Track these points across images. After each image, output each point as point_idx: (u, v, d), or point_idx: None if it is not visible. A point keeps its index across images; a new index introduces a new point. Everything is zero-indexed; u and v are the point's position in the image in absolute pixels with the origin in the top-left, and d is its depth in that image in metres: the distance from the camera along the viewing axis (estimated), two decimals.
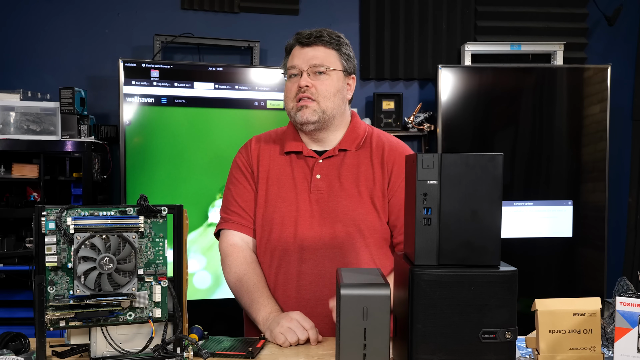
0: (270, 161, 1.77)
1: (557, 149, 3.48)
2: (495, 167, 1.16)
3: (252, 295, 1.67)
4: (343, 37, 1.75)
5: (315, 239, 1.67)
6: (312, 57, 1.69)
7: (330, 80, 1.69)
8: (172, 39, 3.53)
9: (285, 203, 1.71)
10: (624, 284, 1.44)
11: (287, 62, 1.75)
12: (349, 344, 1.21)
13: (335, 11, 3.81)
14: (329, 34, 1.71)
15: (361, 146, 1.74)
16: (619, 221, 3.89)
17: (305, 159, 1.74)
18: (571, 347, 1.29)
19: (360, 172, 1.71)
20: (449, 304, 1.14)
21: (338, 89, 1.71)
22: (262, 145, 1.80)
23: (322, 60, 1.69)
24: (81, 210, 1.27)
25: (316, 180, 1.70)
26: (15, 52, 3.58)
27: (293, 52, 1.73)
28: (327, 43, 1.70)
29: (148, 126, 3.18)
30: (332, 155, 1.73)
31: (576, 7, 3.86)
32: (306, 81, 1.67)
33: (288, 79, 1.73)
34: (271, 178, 1.75)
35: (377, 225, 1.68)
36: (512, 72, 3.52)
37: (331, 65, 1.69)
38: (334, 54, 1.71)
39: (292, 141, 1.76)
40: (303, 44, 1.70)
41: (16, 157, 3.18)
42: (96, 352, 1.32)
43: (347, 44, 1.75)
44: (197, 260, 3.21)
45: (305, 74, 1.68)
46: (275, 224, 1.70)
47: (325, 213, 1.68)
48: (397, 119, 3.69)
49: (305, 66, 1.68)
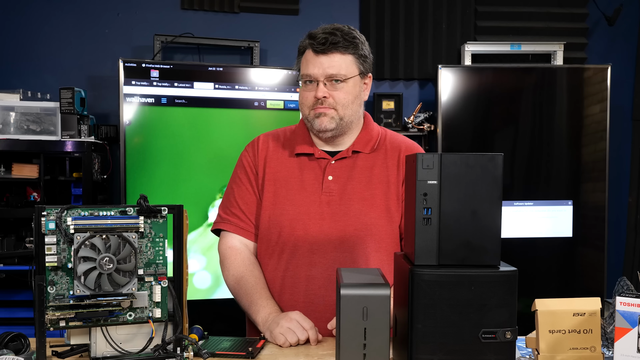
0: (278, 163, 1.73)
1: (557, 149, 3.48)
2: (495, 167, 1.16)
3: (251, 296, 1.66)
4: (358, 34, 1.67)
5: (325, 241, 1.65)
6: (328, 66, 1.62)
7: (348, 88, 1.64)
8: (172, 39, 3.53)
9: (293, 205, 1.68)
10: (624, 284, 1.44)
11: (300, 65, 1.69)
12: (349, 344, 1.21)
13: (335, 11, 3.81)
14: (344, 37, 1.63)
15: (375, 149, 1.72)
16: (619, 221, 3.89)
17: (317, 160, 1.71)
18: (571, 347, 1.29)
19: (374, 174, 1.69)
20: (449, 304, 1.14)
21: (356, 96, 1.67)
22: (270, 145, 1.76)
23: (338, 70, 1.62)
24: (81, 210, 1.27)
25: (328, 182, 1.68)
26: (15, 52, 3.58)
27: (307, 57, 1.66)
28: (343, 48, 1.63)
29: (148, 126, 3.18)
30: (345, 156, 1.70)
31: (576, 7, 3.86)
32: (323, 92, 1.62)
33: (303, 84, 1.68)
34: (279, 180, 1.71)
35: (388, 229, 1.67)
36: (512, 72, 3.52)
37: (348, 74, 1.63)
38: (350, 59, 1.64)
39: (303, 143, 1.73)
40: (317, 52, 1.63)
41: (16, 157, 3.18)
42: (96, 352, 1.32)
43: (362, 42, 1.67)
44: (197, 260, 3.21)
45: (321, 84, 1.63)
46: (284, 226, 1.67)
47: (337, 215, 1.65)
48: (397, 119, 3.69)
49: (321, 77, 1.62)
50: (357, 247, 1.64)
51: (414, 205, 1.18)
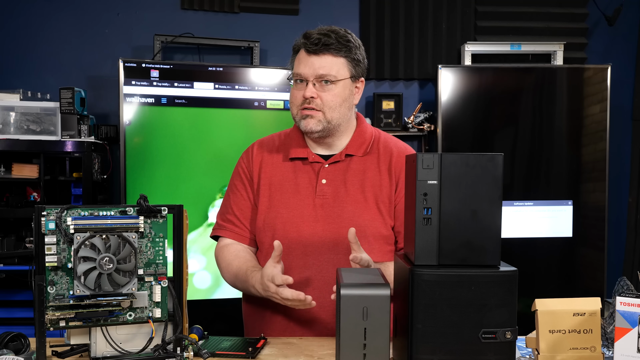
0: (272, 168, 1.74)
1: (557, 149, 3.48)
2: (495, 167, 1.16)
3: (244, 281, 1.65)
4: (353, 38, 1.68)
5: (319, 243, 1.65)
6: (319, 67, 1.63)
7: (337, 90, 1.65)
8: (172, 39, 3.52)
9: (287, 209, 1.69)
10: (624, 284, 1.45)
11: (293, 64, 1.71)
12: (349, 344, 1.21)
13: (335, 11, 3.81)
14: (337, 39, 1.64)
15: (368, 152, 1.73)
16: (619, 221, 3.89)
17: (311, 164, 1.72)
18: (571, 347, 1.29)
19: (367, 177, 1.69)
20: (449, 304, 1.14)
21: (344, 99, 1.67)
22: (264, 152, 1.78)
23: (328, 70, 1.63)
24: (81, 210, 1.27)
25: (322, 185, 1.69)
26: (15, 52, 3.58)
27: (300, 56, 1.68)
28: (335, 51, 1.63)
29: (148, 126, 3.18)
30: (338, 160, 1.71)
31: (576, 7, 3.86)
32: (311, 92, 1.63)
33: (294, 83, 1.69)
34: (274, 185, 1.72)
35: (382, 231, 1.67)
36: (512, 72, 3.52)
37: (338, 75, 1.64)
38: (342, 61, 1.65)
39: (297, 147, 1.74)
40: (310, 51, 1.64)
41: (16, 157, 3.18)
42: (96, 352, 1.32)
43: (357, 47, 1.68)
44: (197, 260, 3.21)
45: (310, 84, 1.64)
46: (277, 229, 1.68)
47: (330, 218, 1.66)
48: (397, 119, 3.69)
49: (311, 76, 1.63)
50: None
51: (414, 205, 1.18)
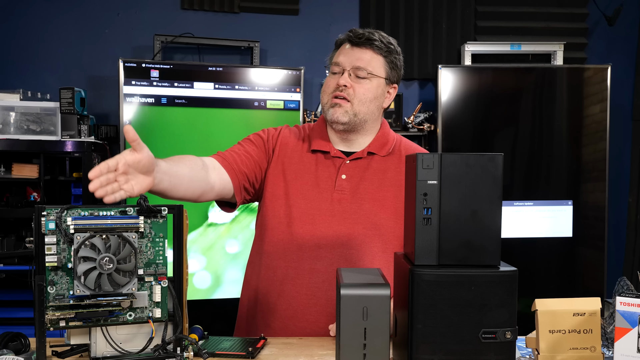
0: (295, 156, 1.75)
1: (557, 149, 3.48)
2: (495, 167, 1.16)
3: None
4: (395, 44, 1.73)
5: (333, 237, 1.66)
6: (358, 58, 1.67)
7: (370, 85, 1.68)
8: (172, 39, 3.53)
9: (305, 200, 1.69)
10: (624, 284, 1.45)
11: (332, 56, 1.74)
12: (349, 344, 1.21)
13: (335, 11, 3.82)
14: (380, 39, 1.69)
15: (390, 153, 1.74)
16: (619, 221, 3.90)
17: (332, 159, 1.73)
18: (571, 347, 1.29)
19: (387, 177, 1.70)
20: (449, 304, 1.14)
21: (376, 96, 1.69)
22: (291, 137, 1.79)
23: (366, 64, 1.67)
24: (81, 210, 1.27)
25: (341, 180, 1.69)
26: (15, 52, 3.58)
27: (341, 48, 1.71)
28: (377, 48, 1.68)
29: (148, 126, 3.18)
30: (360, 157, 1.72)
31: (576, 7, 3.86)
32: (345, 80, 1.66)
33: (330, 72, 1.72)
34: (291, 173, 1.73)
35: (397, 232, 1.67)
36: (512, 72, 3.52)
37: (374, 71, 1.67)
38: (380, 60, 1.69)
39: (319, 139, 1.75)
40: (353, 43, 1.69)
41: (16, 157, 3.18)
42: (96, 352, 1.32)
43: (397, 53, 1.72)
44: (197, 260, 3.21)
45: (347, 73, 1.67)
46: (294, 218, 1.68)
47: (347, 213, 1.67)
48: (397, 119, 3.69)
49: (348, 66, 1.67)
50: (365, 245, 1.66)
51: (414, 205, 1.18)
